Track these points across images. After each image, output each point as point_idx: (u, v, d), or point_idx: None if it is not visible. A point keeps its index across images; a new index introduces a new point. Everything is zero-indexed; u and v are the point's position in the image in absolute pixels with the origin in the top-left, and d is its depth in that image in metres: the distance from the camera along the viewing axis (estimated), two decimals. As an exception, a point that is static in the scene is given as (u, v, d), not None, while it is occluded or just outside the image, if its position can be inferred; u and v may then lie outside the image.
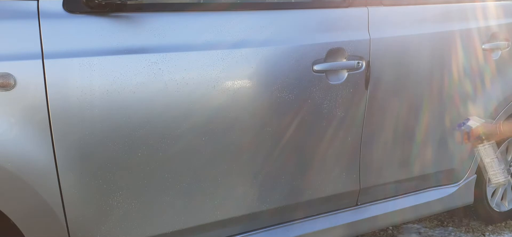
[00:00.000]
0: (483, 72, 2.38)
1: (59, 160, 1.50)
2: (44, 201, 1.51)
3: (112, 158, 1.58)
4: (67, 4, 1.49)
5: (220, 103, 1.71)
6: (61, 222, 1.56)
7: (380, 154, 2.16)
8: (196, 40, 1.67)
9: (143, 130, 1.60)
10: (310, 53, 1.86)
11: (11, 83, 1.39)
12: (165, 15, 1.64)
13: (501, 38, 2.43)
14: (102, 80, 1.51)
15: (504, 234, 2.77)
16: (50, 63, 1.44)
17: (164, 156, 1.66)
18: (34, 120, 1.45)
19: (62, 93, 1.47)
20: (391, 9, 2.10)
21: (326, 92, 1.92)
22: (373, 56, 2.00)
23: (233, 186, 1.85)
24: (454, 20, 2.27)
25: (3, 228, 1.54)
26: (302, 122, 1.89)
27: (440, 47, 2.21)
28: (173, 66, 1.61)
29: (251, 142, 1.82)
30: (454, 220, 2.91)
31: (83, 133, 1.52)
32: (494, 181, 2.08)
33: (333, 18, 1.95)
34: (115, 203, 1.63)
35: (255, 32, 1.79)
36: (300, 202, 2.03)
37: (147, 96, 1.58)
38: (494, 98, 2.46)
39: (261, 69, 1.77)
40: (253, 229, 1.96)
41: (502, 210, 2.80)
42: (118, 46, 1.54)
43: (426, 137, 2.27)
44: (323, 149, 2.00)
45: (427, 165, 2.35)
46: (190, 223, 1.80)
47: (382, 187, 2.25)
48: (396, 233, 2.73)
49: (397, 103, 2.13)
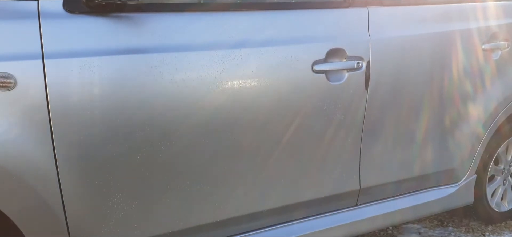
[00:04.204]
0: (483, 72, 2.38)
1: (59, 160, 1.50)
2: (44, 201, 1.51)
3: (112, 158, 1.58)
4: (67, 4, 1.49)
5: (220, 104, 1.72)
6: (61, 222, 1.56)
7: (380, 154, 2.16)
8: (196, 41, 1.67)
9: (143, 130, 1.60)
10: (310, 53, 1.86)
11: (11, 83, 1.39)
12: (165, 16, 1.64)
13: (501, 38, 2.43)
14: (102, 81, 1.51)
15: (504, 234, 2.77)
16: (50, 63, 1.44)
17: (164, 156, 1.66)
18: (34, 120, 1.45)
19: (62, 93, 1.47)
20: (391, 9, 2.10)
21: (326, 93, 1.92)
22: (373, 56, 2.00)
23: (233, 186, 1.85)
24: (454, 20, 2.27)
25: (3, 228, 1.54)
26: (302, 122, 1.89)
27: (440, 48, 2.21)
28: (173, 66, 1.61)
29: (251, 142, 1.83)
30: (454, 220, 2.92)
31: (83, 133, 1.52)
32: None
33: (333, 18, 1.96)
34: (115, 203, 1.63)
35: (255, 33, 1.79)
36: (300, 202, 2.03)
37: (147, 96, 1.58)
38: (494, 98, 2.46)
39: (261, 70, 1.77)
40: (253, 229, 1.96)
41: (502, 210, 2.80)
42: (118, 47, 1.54)
43: (426, 137, 2.27)
44: (323, 149, 2.00)
45: (427, 165, 2.35)
46: (190, 223, 1.80)
47: (382, 187, 2.25)
48: (396, 233, 2.74)
49: (397, 103, 2.13)
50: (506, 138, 2.67)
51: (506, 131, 2.64)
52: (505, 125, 2.59)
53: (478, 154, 2.49)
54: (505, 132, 2.63)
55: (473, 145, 2.45)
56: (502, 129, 2.59)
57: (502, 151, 2.70)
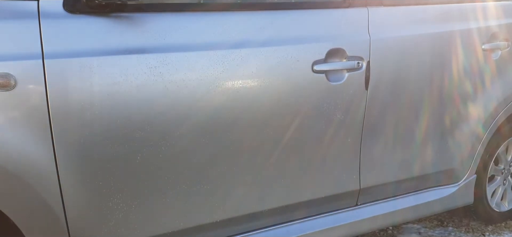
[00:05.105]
0: (483, 72, 2.38)
1: (59, 160, 1.50)
2: (44, 201, 1.51)
3: (112, 158, 1.58)
4: (68, 4, 1.49)
5: (220, 104, 1.71)
6: (61, 222, 1.56)
7: (380, 154, 2.16)
8: (197, 41, 1.67)
9: (143, 130, 1.60)
10: (310, 53, 1.86)
11: (11, 83, 1.39)
12: (165, 16, 1.64)
13: (501, 38, 2.43)
14: (102, 81, 1.51)
15: (504, 234, 2.77)
16: (51, 63, 1.44)
17: (164, 156, 1.66)
18: (34, 120, 1.45)
19: (62, 93, 1.47)
20: (391, 9, 2.10)
21: (326, 93, 1.92)
22: (373, 56, 2.00)
23: (233, 186, 1.85)
24: (454, 20, 2.27)
25: (3, 228, 1.54)
26: (302, 122, 1.90)
27: (440, 48, 2.21)
28: (173, 66, 1.61)
29: (251, 142, 1.83)
30: (454, 220, 2.92)
31: (83, 133, 1.52)
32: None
33: (333, 18, 1.96)
34: (115, 203, 1.63)
35: (255, 33, 1.79)
36: (300, 202, 2.03)
37: (147, 96, 1.58)
38: (494, 98, 2.46)
39: (261, 70, 1.77)
40: (253, 229, 1.96)
41: (502, 210, 2.80)
42: (118, 47, 1.54)
43: (426, 137, 2.27)
44: (323, 149, 2.00)
45: (427, 165, 2.35)
46: (191, 223, 1.80)
47: (382, 187, 2.25)
48: (396, 233, 2.74)
49: (397, 103, 2.13)
50: (506, 137, 2.67)
51: (506, 131, 2.64)
52: (505, 125, 2.59)
53: (478, 154, 2.50)
54: (505, 132, 2.64)
55: (473, 145, 2.45)
56: (502, 128, 2.59)
57: (502, 151, 2.70)
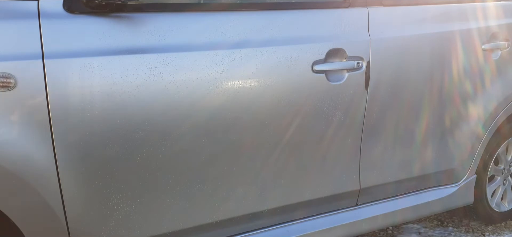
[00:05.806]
0: (483, 72, 2.38)
1: (59, 160, 1.50)
2: (44, 201, 1.51)
3: (112, 158, 1.58)
4: (68, 4, 1.49)
5: (220, 104, 1.71)
6: (61, 222, 1.56)
7: (380, 154, 2.16)
8: (197, 41, 1.67)
9: (144, 130, 1.60)
10: (310, 53, 1.86)
11: (11, 83, 1.39)
12: (165, 16, 1.64)
13: (501, 38, 2.43)
14: (102, 81, 1.51)
15: (504, 234, 2.77)
16: (50, 64, 1.44)
17: (164, 156, 1.66)
18: (34, 120, 1.45)
19: (62, 93, 1.47)
20: (391, 9, 2.10)
21: (326, 93, 1.92)
22: (373, 56, 2.00)
23: (233, 186, 1.85)
24: (454, 20, 2.27)
25: (3, 228, 1.54)
26: (302, 122, 1.90)
27: (440, 48, 2.21)
28: (173, 67, 1.61)
29: (251, 142, 1.82)
30: (454, 220, 2.92)
31: (83, 133, 1.52)
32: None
33: (333, 19, 1.95)
34: (115, 203, 1.63)
35: (255, 33, 1.79)
36: (300, 202, 2.03)
37: (147, 96, 1.58)
38: (494, 98, 2.46)
39: (261, 70, 1.77)
40: (253, 229, 1.96)
41: (502, 210, 2.80)
42: (118, 47, 1.54)
43: (426, 137, 2.27)
44: (323, 149, 2.00)
45: (427, 165, 2.35)
46: (190, 223, 1.80)
47: (382, 187, 2.25)
48: (396, 233, 2.74)
49: (397, 103, 2.13)
50: (506, 138, 2.67)
51: (506, 131, 2.64)
52: (505, 125, 2.59)
53: (478, 154, 2.50)
54: (505, 132, 2.64)
55: (473, 145, 2.45)
56: (502, 128, 2.59)
57: (502, 151, 2.70)
